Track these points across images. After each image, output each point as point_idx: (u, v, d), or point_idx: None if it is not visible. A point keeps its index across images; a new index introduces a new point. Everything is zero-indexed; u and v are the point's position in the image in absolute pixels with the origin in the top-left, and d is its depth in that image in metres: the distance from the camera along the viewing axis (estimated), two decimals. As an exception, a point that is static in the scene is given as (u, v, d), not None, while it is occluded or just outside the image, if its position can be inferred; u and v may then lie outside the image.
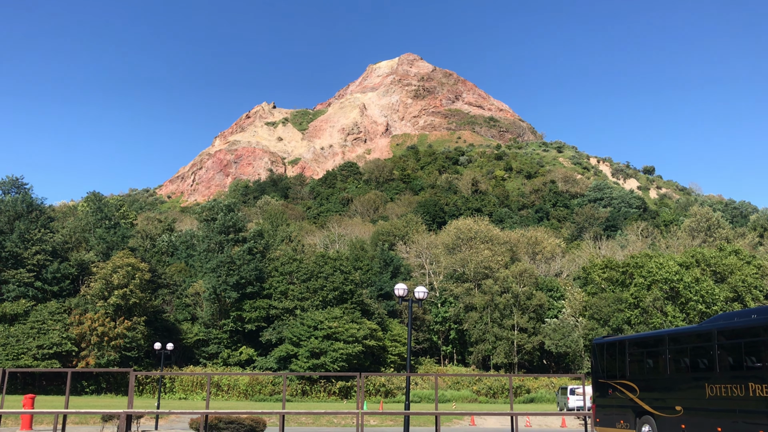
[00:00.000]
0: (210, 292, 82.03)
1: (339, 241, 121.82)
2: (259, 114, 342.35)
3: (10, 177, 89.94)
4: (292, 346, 74.68)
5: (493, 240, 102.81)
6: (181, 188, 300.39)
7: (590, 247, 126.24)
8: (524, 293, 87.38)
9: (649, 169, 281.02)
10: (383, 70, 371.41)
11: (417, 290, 26.95)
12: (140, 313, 76.60)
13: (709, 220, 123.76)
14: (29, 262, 78.06)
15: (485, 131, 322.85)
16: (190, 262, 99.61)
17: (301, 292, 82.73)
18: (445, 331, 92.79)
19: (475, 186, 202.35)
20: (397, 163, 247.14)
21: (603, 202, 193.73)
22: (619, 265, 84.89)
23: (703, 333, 22.40)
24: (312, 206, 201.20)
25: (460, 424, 46.57)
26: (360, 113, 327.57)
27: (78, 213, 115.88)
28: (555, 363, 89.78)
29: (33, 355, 68.27)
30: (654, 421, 23.53)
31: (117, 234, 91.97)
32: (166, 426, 42.09)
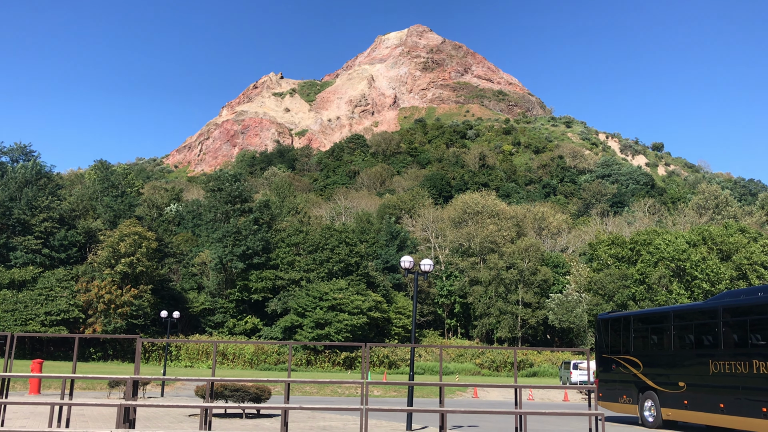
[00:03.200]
0: (216, 262, 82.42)
1: (345, 214, 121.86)
2: (266, 84, 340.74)
3: (18, 144, 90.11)
4: (298, 317, 75.16)
5: (500, 215, 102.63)
6: (188, 158, 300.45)
7: (597, 223, 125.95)
8: (529, 269, 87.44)
9: (658, 146, 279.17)
10: (392, 41, 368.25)
11: (423, 263, 26.95)
12: (147, 281, 77.09)
13: (717, 198, 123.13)
14: (37, 229, 78.49)
15: (494, 105, 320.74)
16: (196, 232, 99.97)
17: (307, 263, 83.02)
18: (449, 305, 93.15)
19: (482, 160, 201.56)
20: (405, 136, 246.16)
21: (611, 179, 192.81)
22: (626, 241, 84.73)
23: (708, 310, 22.39)
24: (318, 178, 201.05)
25: (463, 396, 46.94)
26: (368, 85, 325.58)
27: (85, 181, 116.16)
28: (558, 338, 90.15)
29: (41, 321, 68.96)
30: (657, 396, 23.64)
31: (124, 202, 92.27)
32: (172, 393, 42.58)
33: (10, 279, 73.50)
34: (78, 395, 34.01)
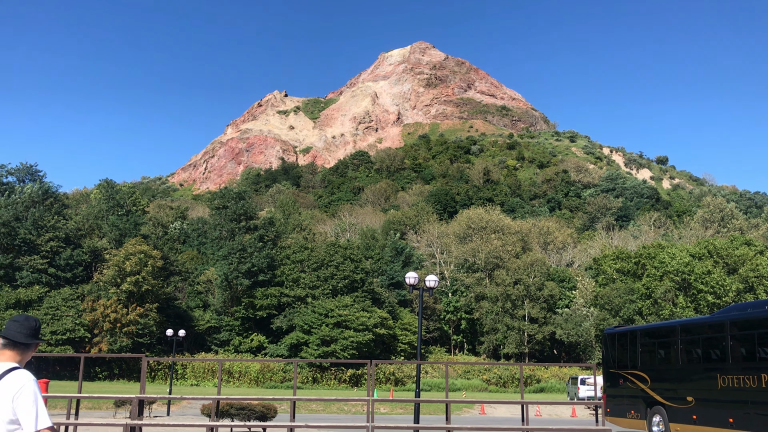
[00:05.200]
0: (222, 280, 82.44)
1: (350, 230, 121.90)
2: (270, 102, 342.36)
3: (25, 164, 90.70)
4: (303, 334, 74.97)
5: (505, 230, 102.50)
6: (193, 176, 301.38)
7: (602, 237, 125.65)
8: (535, 284, 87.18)
9: (662, 159, 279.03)
10: (395, 58, 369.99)
11: (428, 279, 26.94)
12: (152, 299, 77.10)
13: (723, 211, 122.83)
14: (43, 248, 78.73)
15: (497, 120, 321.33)
16: (202, 250, 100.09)
17: (312, 280, 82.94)
18: (456, 321, 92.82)
19: (486, 175, 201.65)
20: (409, 152, 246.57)
21: (615, 192, 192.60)
22: (631, 255, 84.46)
23: (715, 324, 22.27)
24: (323, 195, 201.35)
25: (470, 413, 46.65)
26: (371, 102, 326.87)
27: (91, 200, 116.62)
28: (566, 353, 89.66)
29: (46, 341, 68.95)
30: (665, 411, 23.46)
31: (129, 221, 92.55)
32: (177, 412, 42.45)
33: (16, 299, 73.62)
34: (84, 415, 33.92)
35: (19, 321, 5.50)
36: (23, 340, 5.39)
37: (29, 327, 5.48)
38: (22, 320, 5.51)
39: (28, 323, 5.50)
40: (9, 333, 5.39)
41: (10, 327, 5.44)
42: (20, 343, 5.39)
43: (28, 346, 5.44)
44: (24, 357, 5.42)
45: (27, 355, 5.45)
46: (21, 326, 5.46)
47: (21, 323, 5.48)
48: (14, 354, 5.37)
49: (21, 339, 5.38)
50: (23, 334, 5.41)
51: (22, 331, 5.43)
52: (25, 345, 5.41)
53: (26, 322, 5.50)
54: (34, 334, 5.48)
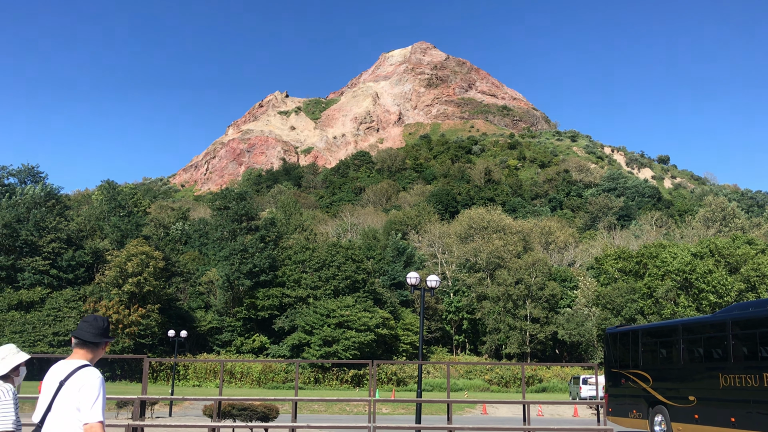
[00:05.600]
0: (223, 280, 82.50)
1: (351, 230, 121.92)
2: (272, 103, 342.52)
3: (26, 166, 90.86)
4: (305, 334, 75.00)
5: (506, 229, 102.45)
6: (194, 177, 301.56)
7: (604, 236, 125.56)
8: (537, 284, 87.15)
9: (663, 159, 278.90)
10: (396, 58, 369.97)
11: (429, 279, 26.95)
12: (154, 300, 77.16)
13: (725, 210, 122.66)
14: (45, 250, 78.81)
15: (498, 120, 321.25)
16: (203, 251, 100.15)
17: (314, 280, 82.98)
18: (457, 321, 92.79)
19: (488, 175, 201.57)
20: (410, 152, 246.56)
21: (617, 192, 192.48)
22: (633, 255, 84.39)
23: (717, 323, 22.26)
24: (324, 195, 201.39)
25: (472, 413, 46.66)
26: (372, 102, 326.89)
27: (92, 201, 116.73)
28: (568, 353, 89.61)
29: (49, 342, 69.05)
30: (667, 410, 23.46)
31: (131, 222, 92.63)
32: (179, 412, 42.49)
33: (18, 300, 73.72)
34: (86, 416, 33.95)
35: (89, 321, 5.92)
36: (92, 339, 5.81)
37: (98, 327, 5.89)
38: (92, 320, 5.92)
39: (97, 323, 5.90)
40: (80, 333, 5.83)
41: (81, 327, 5.87)
42: (90, 342, 5.82)
43: (97, 345, 5.87)
44: (95, 355, 5.89)
45: (97, 353, 5.91)
46: (90, 326, 5.86)
47: (90, 323, 5.89)
48: (85, 352, 5.83)
49: (90, 338, 5.81)
50: (92, 334, 5.83)
51: (91, 330, 5.84)
52: (94, 344, 5.85)
53: (95, 322, 5.91)
54: (102, 333, 5.89)
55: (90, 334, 5.83)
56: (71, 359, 5.79)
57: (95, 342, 5.85)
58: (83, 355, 5.83)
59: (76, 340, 5.86)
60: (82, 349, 5.84)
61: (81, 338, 5.82)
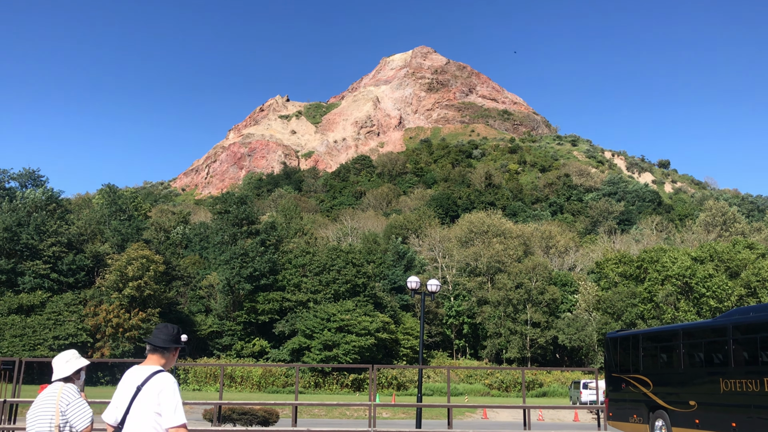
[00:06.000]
0: (224, 284, 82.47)
1: (352, 234, 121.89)
2: (272, 107, 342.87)
3: (27, 169, 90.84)
4: (305, 339, 74.95)
5: (507, 234, 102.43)
6: (195, 181, 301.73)
7: (604, 241, 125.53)
8: (537, 288, 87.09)
9: (664, 163, 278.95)
10: (397, 63, 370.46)
11: (429, 283, 26.96)
12: (154, 304, 77.13)
13: (725, 215, 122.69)
14: (45, 253, 78.80)
15: (499, 124, 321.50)
16: (204, 254, 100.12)
17: (314, 284, 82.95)
18: (458, 325, 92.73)
19: (488, 179, 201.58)
20: (410, 156, 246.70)
21: (617, 196, 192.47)
22: (633, 259, 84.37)
23: (717, 327, 22.24)
24: (325, 199, 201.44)
25: (473, 417, 46.58)
26: (373, 106, 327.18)
27: (93, 205, 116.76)
28: (568, 357, 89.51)
29: (49, 346, 68.97)
30: (667, 415, 23.43)
31: (131, 226, 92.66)
32: (180, 417, 42.37)
33: (18, 304, 73.68)
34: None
35: (160, 329, 6.29)
36: (163, 345, 6.16)
37: (168, 333, 6.23)
38: (162, 328, 6.29)
39: (167, 330, 6.26)
40: (152, 339, 6.19)
41: (153, 334, 6.25)
42: (162, 348, 6.17)
43: (168, 350, 6.20)
44: (168, 360, 6.22)
45: (170, 359, 6.25)
46: (161, 333, 6.24)
47: (161, 330, 6.27)
48: (158, 358, 6.16)
49: (161, 344, 6.16)
50: (163, 340, 6.18)
51: (162, 337, 6.20)
52: (165, 349, 6.18)
53: (165, 329, 6.27)
54: (173, 339, 6.23)
55: (161, 340, 6.17)
56: (145, 365, 6.11)
57: (166, 347, 6.17)
58: (156, 360, 6.15)
59: (149, 347, 6.20)
60: (155, 354, 6.17)
61: (153, 344, 6.16)
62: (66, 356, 6.89)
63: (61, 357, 6.90)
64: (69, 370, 6.83)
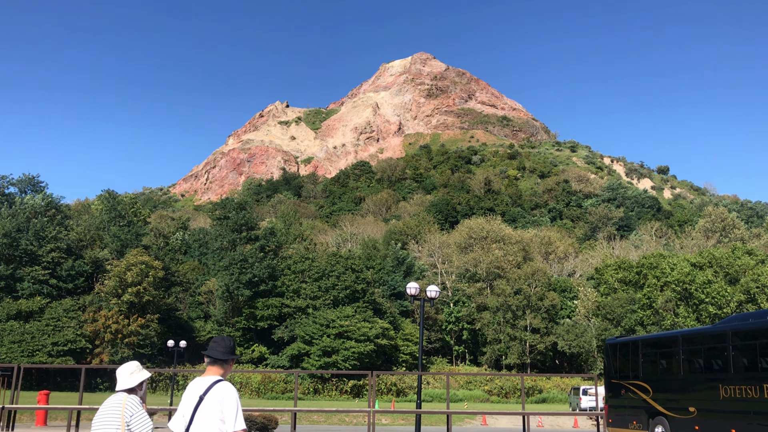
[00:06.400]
0: (223, 290, 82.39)
1: (351, 240, 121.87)
2: (272, 113, 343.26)
3: (27, 175, 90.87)
4: (304, 345, 74.85)
5: (506, 240, 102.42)
6: (194, 187, 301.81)
7: (604, 247, 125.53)
8: (536, 294, 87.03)
9: (663, 169, 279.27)
10: (396, 69, 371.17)
11: (429, 289, 26.96)
12: (154, 310, 77.04)
13: (724, 221, 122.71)
14: (44, 259, 78.74)
15: (498, 130, 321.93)
16: (203, 260, 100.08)
17: (313, 290, 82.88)
18: (457, 331, 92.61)
19: (487, 185, 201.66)
20: (410, 162, 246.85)
21: (616, 202, 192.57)
22: (632, 265, 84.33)
23: (717, 334, 22.24)
24: (324, 205, 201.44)
25: (472, 424, 46.49)
26: (373, 112, 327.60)
27: (92, 211, 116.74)
28: (568, 363, 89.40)
29: (48, 352, 68.85)
30: (667, 422, 23.40)
31: (131, 232, 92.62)
32: (178, 423, 42.25)
33: (17, 310, 73.58)
34: (85, 426, 33.87)
35: (218, 341, 6.67)
36: (221, 357, 6.55)
37: (225, 346, 6.63)
38: (220, 340, 6.67)
39: (224, 342, 6.65)
40: (211, 352, 6.59)
41: (211, 347, 6.62)
42: (220, 359, 6.56)
43: (226, 362, 6.60)
44: (226, 370, 6.62)
45: (227, 369, 6.64)
46: (219, 345, 6.62)
47: (219, 343, 6.65)
48: (217, 368, 6.58)
49: (219, 356, 6.55)
50: (220, 352, 6.57)
51: (220, 349, 6.58)
52: (224, 361, 6.58)
53: (222, 341, 6.66)
54: (230, 351, 6.63)
55: (219, 353, 6.56)
56: (206, 376, 6.52)
57: (224, 359, 6.56)
58: (216, 371, 6.55)
59: (208, 359, 6.60)
60: (214, 366, 6.58)
61: (212, 356, 6.56)
62: (130, 368, 7.20)
63: (125, 368, 7.20)
64: (133, 382, 7.13)
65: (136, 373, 7.19)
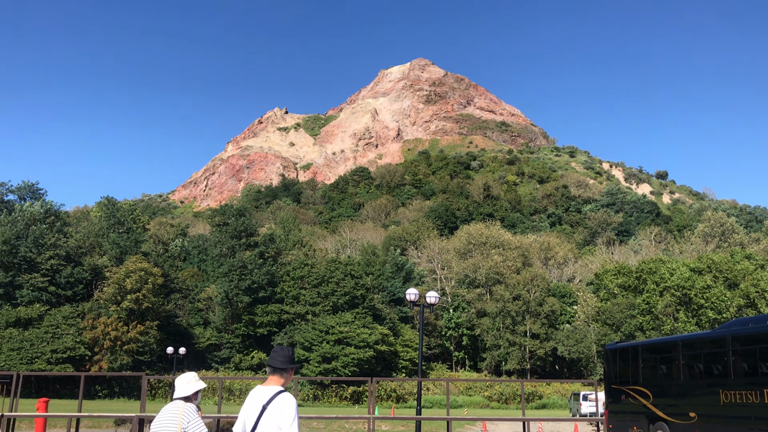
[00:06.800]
0: (222, 297, 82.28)
1: (350, 246, 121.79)
2: (271, 119, 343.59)
3: (26, 182, 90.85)
4: (304, 351, 74.73)
5: (505, 245, 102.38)
6: (193, 193, 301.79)
7: (603, 252, 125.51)
8: (535, 299, 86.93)
9: (662, 174, 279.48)
10: (395, 75, 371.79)
11: (428, 295, 26.93)
12: (153, 317, 76.90)
13: (723, 225, 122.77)
14: (43, 266, 78.62)
15: (497, 136, 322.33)
16: (202, 267, 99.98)
17: (313, 296, 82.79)
18: (457, 337, 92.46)
19: (486, 191, 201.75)
20: (409, 168, 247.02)
21: (616, 207, 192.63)
22: (632, 270, 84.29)
23: (717, 339, 22.20)
24: (323, 211, 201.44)
25: (472, 430, 46.35)
26: (372, 118, 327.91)
27: (91, 218, 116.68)
28: (568, 369, 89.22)
29: (47, 360, 68.66)
30: (668, 427, 23.36)
31: (130, 239, 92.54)
32: (178, 430, 42.11)
33: (16, 317, 73.39)
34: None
35: (277, 351, 6.94)
36: (281, 366, 6.81)
37: (284, 355, 6.88)
38: (279, 350, 6.93)
39: (284, 352, 6.92)
40: (271, 361, 6.87)
41: (272, 356, 6.90)
42: (281, 369, 6.82)
43: (286, 370, 6.85)
44: (286, 380, 6.87)
45: (288, 377, 6.89)
46: (278, 355, 6.88)
47: (278, 352, 6.92)
48: (278, 378, 6.84)
49: (279, 365, 6.82)
50: (279, 361, 6.84)
51: (279, 358, 6.85)
52: (284, 369, 6.83)
53: (282, 351, 6.92)
54: (289, 360, 6.89)
55: (278, 362, 6.83)
56: (267, 385, 6.81)
57: (284, 368, 6.82)
58: (276, 380, 6.82)
59: (269, 368, 6.88)
60: (275, 375, 6.85)
61: (273, 366, 6.84)
62: (188, 378, 7.68)
63: (183, 378, 7.69)
64: (190, 390, 7.60)
65: (192, 382, 7.66)
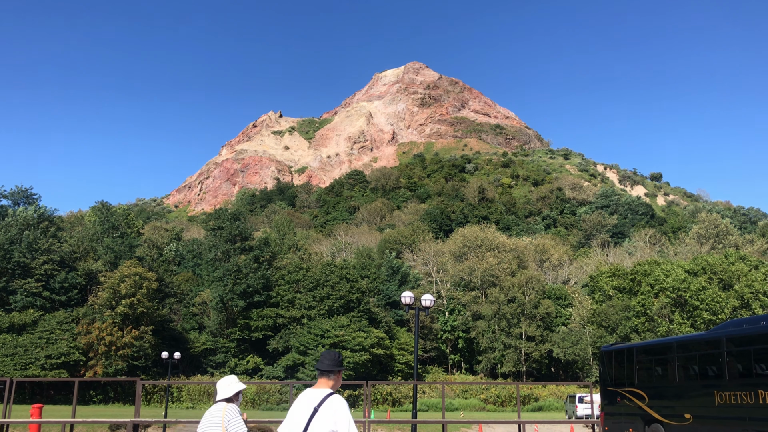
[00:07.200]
0: (217, 301, 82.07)
1: (346, 250, 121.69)
2: (265, 123, 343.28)
3: (20, 187, 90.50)
4: (299, 355, 74.58)
5: (500, 247, 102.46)
6: (188, 197, 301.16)
7: (598, 254, 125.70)
8: (531, 302, 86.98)
9: (656, 176, 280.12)
10: (389, 78, 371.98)
11: (424, 298, 26.92)
12: (147, 322, 76.66)
13: (718, 227, 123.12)
14: (37, 271, 78.31)
15: (491, 139, 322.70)
16: (197, 271, 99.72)
17: (308, 300, 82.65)
18: (453, 340, 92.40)
19: (481, 194, 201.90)
20: (404, 171, 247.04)
21: (610, 209, 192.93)
22: (627, 272, 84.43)
23: (711, 340, 22.23)
24: (318, 214, 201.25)
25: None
26: (366, 121, 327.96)
27: (85, 222, 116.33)
28: (563, 371, 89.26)
29: (41, 365, 68.36)
30: (663, 429, 23.37)
31: (124, 243, 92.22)
32: (173, 435, 42.02)
33: (9, 323, 73.07)
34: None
35: (325, 355, 7.18)
36: (329, 368, 7.04)
37: (332, 359, 7.11)
38: (327, 354, 7.18)
39: (331, 356, 7.14)
40: (320, 365, 7.09)
41: (320, 360, 7.13)
42: (328, 371, 7.05)
43: (333, 373, 7.07)
44: (335, 382, 7.09)
45: (337, 380, 7.11)
46: (326, 359, 7.11)
47: (326, 356, 7.16)
48: (327, 380, 7.05)
49: (327, 368, 7.05)
50: (327, 364, 7.06)
51: (327, 362, 7.08)
52: (331, 372, 7.05)
53: (329, 355, 7.16)
54: (337, 363, 7.10)
55: (326, 365, 7.05)
56: (317, 388, 6.99)
57: (331, 371, 7.03)
58: (326, 383, 7.02)
59: (318, 372, 7.10)
60: (324, 378, 7.06)
61: (321, 369, 7.06)
62: (228, 380, 8.18)
63: (224, 381, 8.17)
64: (231, 392, 8.09)
65: (233, 384, 8.15)
